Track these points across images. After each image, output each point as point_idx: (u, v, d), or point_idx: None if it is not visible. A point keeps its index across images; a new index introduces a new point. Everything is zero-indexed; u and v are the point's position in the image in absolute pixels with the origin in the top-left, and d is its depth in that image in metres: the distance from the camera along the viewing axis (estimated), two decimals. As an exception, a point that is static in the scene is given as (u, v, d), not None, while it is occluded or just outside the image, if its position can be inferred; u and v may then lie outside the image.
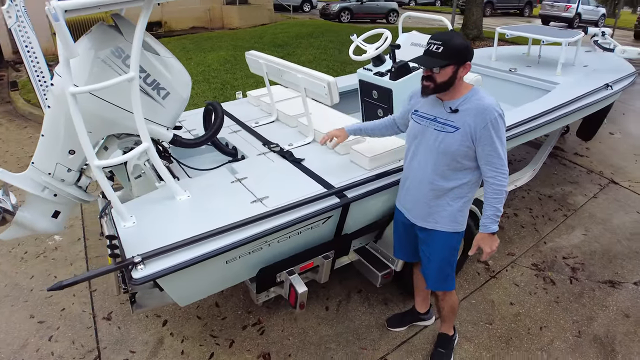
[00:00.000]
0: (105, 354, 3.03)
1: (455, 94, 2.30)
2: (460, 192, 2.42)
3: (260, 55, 3.56)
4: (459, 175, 2.38)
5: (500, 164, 2.27)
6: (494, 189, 2.29)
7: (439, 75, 2.22)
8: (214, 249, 2.27)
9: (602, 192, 5.22)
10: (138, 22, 2.27)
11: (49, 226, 2.98)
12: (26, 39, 3.03)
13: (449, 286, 2.68)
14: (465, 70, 2.24)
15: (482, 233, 2.36)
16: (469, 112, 2.24)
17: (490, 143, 2.23)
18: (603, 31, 6.04)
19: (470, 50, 2.23)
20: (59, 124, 2.65)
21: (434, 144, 2.35)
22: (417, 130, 2.44)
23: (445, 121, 2.31)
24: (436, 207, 2.46)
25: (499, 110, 2.21)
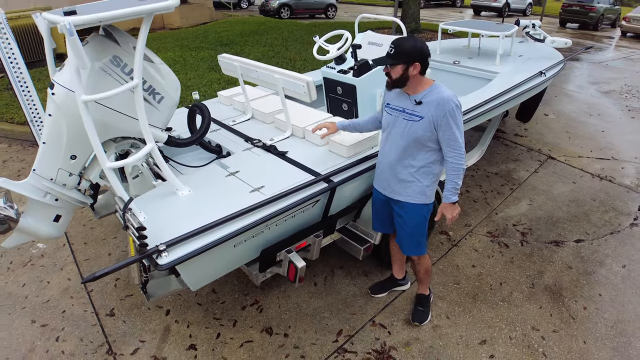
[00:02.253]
0: (117, 345, 3.29)
1: (417, 89, 2.74)
2: (427, 169, 2.87)
3: (234, 58, 3.90)
4: (426, 156, 2.82)
5: (458, 146, 2.71)
6: (453, 167, 2.75)
7: (393, 73, 2.70)
8: (225, 235, 2.62)
9: (542, 167, 5.92)
10: (140, 33, 2.55)
11: (51, 231, 3.20)
12: (9, 50, 3.14)
13: (421, 251, 3.14)
14: (415, 69, 2.66)
15: (445, 203, 2.85)
16: (431, 104, 2.67)
17: (449, 129, 2.66)
18: (534, 23, 6.75)
19: (420, 53, 2.64)
20: (61, 131, 2.85)
21: (403, 131, 2.80)
22: (389, 120, 2.90)
23: (412, 112, 2.76)
24: (407, 183, 2.91)
25: (455, 102, 2.66)
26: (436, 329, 3.33)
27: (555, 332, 3.32)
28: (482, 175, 5.62)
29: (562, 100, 8.81)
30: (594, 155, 6.32)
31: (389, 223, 3.22)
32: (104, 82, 2.74)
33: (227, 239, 2.62)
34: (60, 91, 2.74)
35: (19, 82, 3.26)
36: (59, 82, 2.77)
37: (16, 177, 5.86)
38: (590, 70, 11.73)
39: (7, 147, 6.85)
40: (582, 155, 6.31)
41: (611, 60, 13.41)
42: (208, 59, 10.17)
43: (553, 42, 6.26)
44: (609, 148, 6.57)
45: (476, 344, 3.21)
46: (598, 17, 19.88)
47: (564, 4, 20.50)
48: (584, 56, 13.60)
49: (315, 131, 3.28)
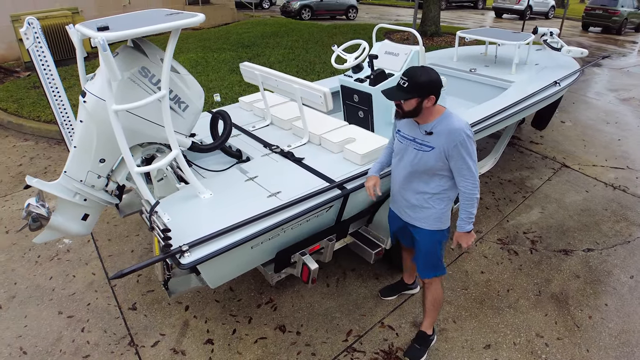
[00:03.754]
0: (138, 338, 3.49)
1: (428, 119, 2.69)
2: (442, 196, 2.85)
3: (256, 67, 4.08)
4: (440, 183, 2.80)
5: (470, 175, 2.67)
6: (466, 196, 2.72)
7: (405, 105, 2.63)
8: (243, 237, 2.80)
9: (556, 175, 6.00)
10: (167, 46, 2.73)
11: (79, 229, 3.42)
12: (42, 58, 3.37)
13: (436, 272, 3.10)
14: (430, 102, 2.59)
15: (459, 232, 2.82)
16: (442, 134, 2.63)
17: (461, 159, 2.63)
18: (551, 31, 6.82)
19: (436, 85, 2.56)
20: (92, 136, 3.05)
21: (414, 160, 2.79)
22: (400, 147, 2.89)
23: (422, 142, 2.73)
24: (422, 209, 2.90)
25: (466, 132, 2.60)
26: (442, 332, 3.48)
27: (559, 339, 3.44)
28: (495, 182, 5.72)
29: (579, 108, 8.83)
30: (609, 164, 6.37)
31: (408, 238, 3.24)
32: (132, 92, 2.93)
33: (245, 241, 2.79)
34: (91, 99, 2.94)
35: (50, 87, 3.47)
36: (91, 91, 2.97)
37: (43, 174, 6.13)
38: (610, 77, 11.67)
39: (34, 145, 7.14)
40: (596, 164, 6.36)
41: (633, 66, 13.30)
42: (229, 61, 10.38)
43: (569, 52, 6.32)
44: (624, 157, 6.61)
45: (481, 348, 3.34)
46: (622, 21, 19.66)
47: (587, 8, 20.33)
48: (604, 62, 13.52)
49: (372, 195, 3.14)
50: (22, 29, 3.26)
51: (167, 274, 2.92)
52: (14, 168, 6.32)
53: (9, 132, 7.66)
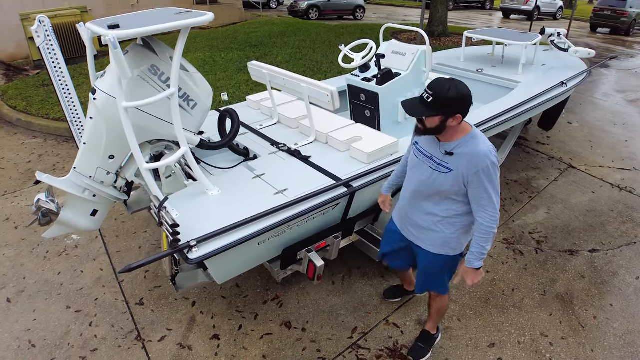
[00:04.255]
0: (145, 332, 3.54)
1: (451, 137, 2.43)
2: (454, 221, 2.61)
3: (263, 66, 4.11)
4: (453, 207, 2.57)
5: (491, 207, 2.41)
6: (482, 230, 2.45)
7: (427, 122, 2.36)
8: (250, 233, 2.83)
9: (562, 176, 6.00)
10: (177, 44, 2.77)
11: (88, 224, 3.47)
12: (53, 56, 3.43)
13: (436, 289, 2.97)
14: (455, 121, 2.32)
15: (466, 267, 2.57)
16: (464, 157, 2.37)
17: (481, 187, 2.37)
18: (559, 32, 6.82)
19: (465, 103, 2.28)
20: (101, 133, 3.10)
21: (427, 180, 2.55)
22: (415, 162, 2.65)
23: (440, 162, 2.47)
24: (429, 231, 2.69)
25: (492, 158, 2.33)
26: (447, 330, 3.50)
27: (564, 339, 3.45)
28: (501, 182, 5.66)
29: (586, 109, 8.81)
30: (616, 165, 6.36)
31: (404, 260, 3.10)
32: (142, 89, 2.97)
33: (252, 238, 2.83)
34: (101, 97, 2.99)
35: (60, 85, 3.54)
36: (101, 89, 3.02)
37: (51, 170, 6.20)
38: (618, 78, 11.63)
39: (43, 142, 7.22)
40: (603, 165, 6.36)
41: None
42: (237, 60, 10.44)
43: (576, 52, 6.32)
44: (631, 159, 6.60)
45: (485, 346, 3.36)
46: (630, 22, 19.55)
47: (595, 9, 20.23)
48: (612, 63, 13.46)
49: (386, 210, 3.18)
50: (33, 27, 3.32)
51: (175, 269, 2.96)
52: (22, 165, 6.39)
53: (17, 130, 7.73)
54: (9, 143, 7.20)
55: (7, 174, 6.14)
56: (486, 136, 4.52)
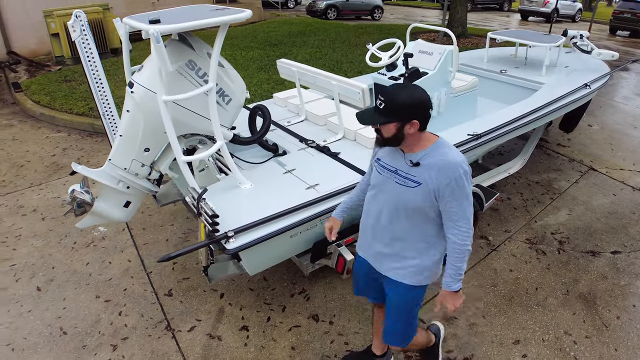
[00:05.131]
0: (174, 322, 3.63)
1: (415, 147, 2.22)
2: (427, 244, 2.36)
3: (293, 63, 4.20)
4: (425, 227, 2.31)
5: (464, 223, 2.19)
6: (455, 248, 2.22)
7: (384, 131, 2.18)
8: (284, 226, 2.92)
9: (583, 177, 6.02)
10: (216, 40, 2.86)
11: (121, 215, 3.57)
12: (88, 50, 3.53)
13: (405, 342, 2.66)
14: (413, 128, 2.12)
15: (445, 290, 2.31)
16: (432, 167, 2.15)
17: (454, 200, 2.15)
18: (581, 34, 6.83)
19: (419, 108, 2.10)
20: (138, 126, 3.20)
21: (393, 197, 2.30)
22: (379, 180, 2.38)
23: (406, 175, 2.23)
24: (399, 258, 2.41)
25: (464, 167, 2.14)
26: (472, 327, 3.56)
27: (588, 338, 3.49)
28: (523, 183, 5.77)
29: (607, 112, 8.80)
30: (636, 168, 6.36)
31: (379, 292, 2.71)
32: (179, 84, 3.07)
33: (285, 230, 2.92)
34: (139, 90, 3.09)
35: (94, 79, 3.63)
36: (139, 82, 3.12)
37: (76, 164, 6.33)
38: (637, 81, 11.57)
39: (67, 136, 7.37)
40: (624, 167, 6.36)
41: (662, 71, 13.18)
42: (257, 59, 10.55)
43: (600, 55, 6.34)
44: (652, 162, 6.61)
45: (510, 343, 3.41)
46: (651, 26, 19.42)
47: (615, 11, 20.08)
48: (632, 66, 13.39)
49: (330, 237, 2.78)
50: (69, 21, 3.43)
51: (211, 260, 3.05)
52: (47, 158, 6.54)
53: (41, 124, 7.91)
54: (33, 137, 7.36)
55: (32, 167, 6.28)
56: (511, 136, 4.63)
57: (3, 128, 7.75)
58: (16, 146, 6.99)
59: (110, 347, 3.42)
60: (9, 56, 11.28)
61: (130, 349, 3.40)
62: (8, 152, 6.79)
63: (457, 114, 4.74)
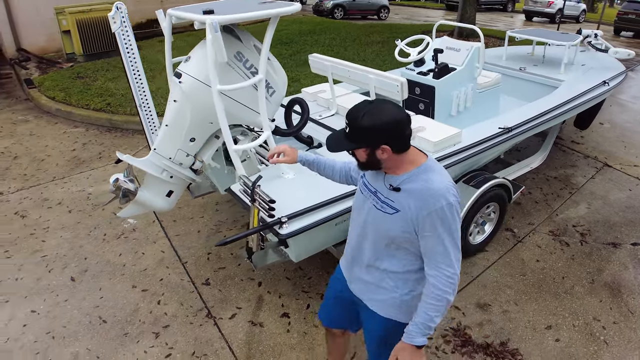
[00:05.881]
0: (215, 310, 3.75)
1: (397, 170, 1.93)
2: (406, 276, 2.07)
3: (326, 58, 4.33)
4: (404, 258, 2.03)
5: (446, 264, 1.86)
6: (433, 292, 1.88)
7: (357, 155, 1.95)
8: (332, 213, 3.05)
9: (599, 173, 6.18)
10: (267, 32, 3.01)
11: (163, 204, 3.68)
12: (127, 41, 3.57)
13: None
14: (385, 153, 1.84)
15: (404, 342, 1.94)
16: (413, 194, 1.87)
17: (434, 235, 1.85)
18: (596, 33, 7.00)
19: (388, 132, 1.81)
20: (185, 116, 3.30)
21: (372, 222, 2.04)
22: (359, 199, 2.15)
23: (385, 199, 1.96)
24: (377, 288, 2.15)
25: (449, 198, 1.82)
26: (505, 313, 3.70)
27: (615, 323, 3.64)
28: (542, 178, 5.93)
29: (615, 110, 8.98)
30: (650, 165, 6.55)
31: (349, 317, 2.47)
32: (228, 75, 3.17)
33: (332, 218, 3.06)
34: (187, 80, 3.19)
35: (132, 70, 3.68)
36: (188, 73, 3.22)
37: (98, 158, 6.46)
38: (644, 81, 11.81)
39: (85, 131, 7.49)
40: (637, 164, 6.52)
41: (667, 71, 13.39)
42: (270, 57, 10.68)
43: (616, 53, 6.51)
44: (665, 159, 6.79)
45: (542, 328, 3.56)
46: (655, 27, 19.64)
47: (620, 12, 20.27)
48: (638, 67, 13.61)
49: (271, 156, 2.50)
50: (110, 13, 3.49)
51: (262, 245, 3.17)
52: (67, 153, 6.65)
53: (57, 119, 8.01)
54: (50, 132, 7.47)
55: (53, 161, 6.40)
56: (535, 132, 4.77)
57: (19, 123, 7.86)
58: (34, 141, 7.10)
59: (152, 335, 3.53)
60: (19, 53, 11.36)
61: (173, 336, 3.51)
62: (27, 146, 6.90)
63: (482, 110, 4.90)
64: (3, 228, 4.86)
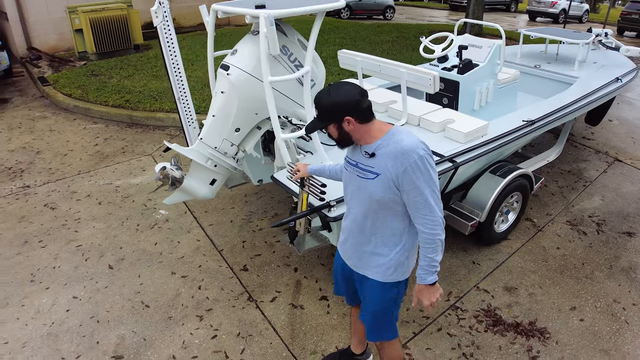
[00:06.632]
0: (255, 294, 3.96)
1: (368, 140, 2.22)
2: (397, 239, 2.32)
3: (356, 54, 4.56)
4: (393, 220, 2.28)
5: (429, 211, 2.12)
6: (425, 238, 2.16)
7: (331, 133, 2.26)
8: None
9: (610, 168, 6.46)
10: (314, 25, 3.24)
11: (207, 192, 3.89)
12: (169, 35, 3.80)
13: (387, 336, 2.63)
14: (351, 124, 2.16)
15: (420, 285, 2.28)
16: (388, 156, 2.13)
17: (414, 188, 2.10)
18: (606, 32, 7.28)
19: (343, 106, 2.12)
20: (232, 107, 3.50)
21: (359, 192, 2.31)
22: (346, 176, 2.41)
23: (365, 167, 2.23)
24: (373, 256, 2.40)
25: (419, 152, 2.08)
26: (532, 295, 3.96)
27: (635, 305, 3.90)
28: (557, 172, 6.20)
29: (623, 108, 9.27)
30: (659, 160, 6.83)
31: (352, 294, 2.79)
32: (275, 68, 3.37)
33: None
34: (235, 72, 3.40)
35: (172, 63, 3.91)
36: (236, 65, 3.42)
37: (121, 153, 6.68)
38: (649, 80, 12.09)
39: (105, 127, 7.70)
40: (647, 159, 6.82)
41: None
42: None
43: (627, 51, 6.78)
44: (673, 155, 7.07)
45: (567, 309, 3.82)
46: (659, 26, 19.96)
47: (623, 12, 20.60)
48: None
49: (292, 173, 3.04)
50: (153, 7, 3.70)
51: (308, 229, 3.40)
52: (90, 148, 6.87)
53: (75, 116, 8.23)
54: (70, 128, 7.69)
55: (76, 156, 6.61)
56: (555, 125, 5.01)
57: (38, 120, 8.07)
58: (55, 136, 7.32)
59: (196, 318, 3.73)
60: (30, 52, 11.56)
61: (217, 319, 3.72)
62: (48, 142, 7.11)
63: (501, 105, 5.16)
64: (34, 219, 5.06)
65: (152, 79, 9.42)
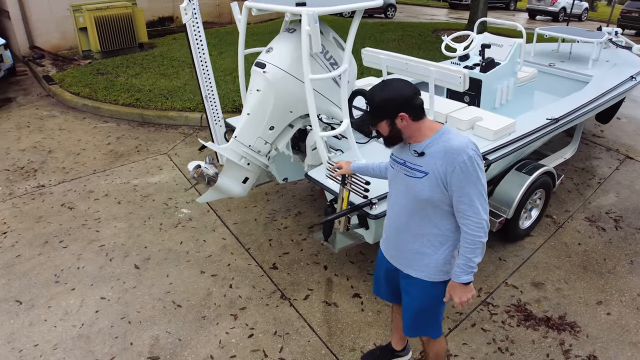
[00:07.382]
0: (288, 292, 4.03)
1: (418, 137, 2.24)
2: (446, 238, 2.35)
3: (380, 52, 4.64)
4: (441, 219, 2.31)
5: (474, 212, 2.14)
6: (467, 239, 2.18)
7: (381, 130, 2.27)
8: None
9: (622, 165, 6.61)
10: (352, 24, 3.31)
11: (239, 190, 3.93)
12: (197, 33, 3.82)
13: (429, 333, 2.67)
14: (404, 121, 2.18)
15: (453, 281, 2.31)
16: (437, 155, 2.15)
17: (459, 188, 2.13)
18: (616, 31, 7.41)
19: (398, 102, 2.15)
20: (268, 105, 3.52)
21: (405, 191, 2.32)
22: (392, 175, 2.44)
23: (413, 166, 2.25)
24: (420, 255, 2.41)
25: (469, 152, 2.10)
26: (559, 290, 4.09)
27: (659, 299, 4.05)
28: (571, 169, 6.35)
29: (630, 106, 9.42)
30: (669, 157, 6.99)
31: (393, 293, 2.82)
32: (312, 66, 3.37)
33: None
34: (272, 70, 3.42)
35: (200, 61, 3.94)
36: (272, 63, 3.45)
37: (136, 152, 6.72)
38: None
39: (116, 126, 7.74)
40: (657, 157, 6.98)
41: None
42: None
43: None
44: (682, 152, 7.23)
45: (594, 303, 3.95)
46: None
47: (623, 10, 20.79)
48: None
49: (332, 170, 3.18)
50: (182, 4, 3.70)
51: (347, 226, 3.48)
52: (103, 147, 6.90)
53: (85, 115, 8.23)
54: (80, 127, 7.70)
55: (89, 155, 6.64)
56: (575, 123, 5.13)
57: (46, 119, 8.07)
58: (65, 135, 7.33)
59: (231, 317, 3.77)
60: (32, 51, 11.54)
61: (252, 317, 3.77)
62: (59, 141, 7.13)
63: (519, 103, 5.28)
64: (53, 219, 5.07)
65: (161, 78, 9.45)
